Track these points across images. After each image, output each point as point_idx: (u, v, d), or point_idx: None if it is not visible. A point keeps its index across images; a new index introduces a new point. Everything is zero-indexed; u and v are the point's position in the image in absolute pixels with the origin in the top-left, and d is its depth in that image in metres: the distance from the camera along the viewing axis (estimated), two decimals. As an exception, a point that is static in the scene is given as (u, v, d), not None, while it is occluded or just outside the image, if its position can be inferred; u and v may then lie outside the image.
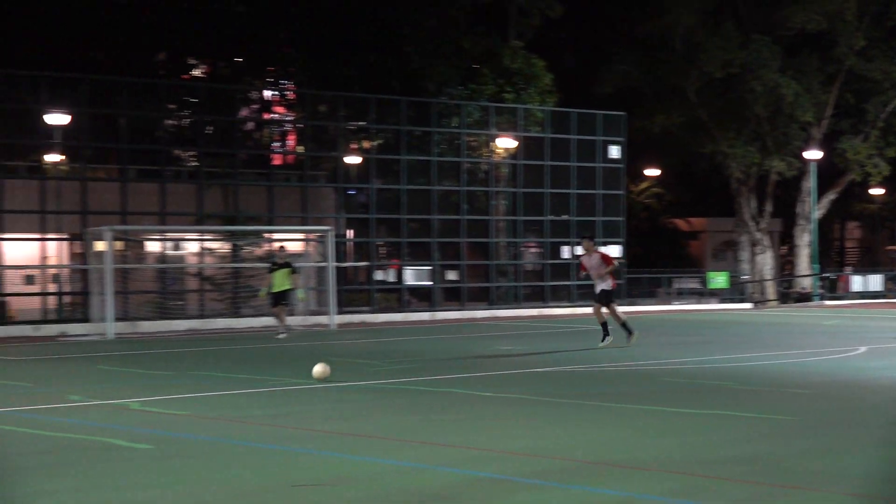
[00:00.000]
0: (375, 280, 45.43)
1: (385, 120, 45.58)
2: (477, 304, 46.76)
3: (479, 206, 47.69)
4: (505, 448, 12.85)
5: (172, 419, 15.46)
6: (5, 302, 38.64)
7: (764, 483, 10.82)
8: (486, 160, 48.06)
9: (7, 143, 39.37)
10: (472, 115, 47.50)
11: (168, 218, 40.11)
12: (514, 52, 49.66)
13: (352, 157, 46.49)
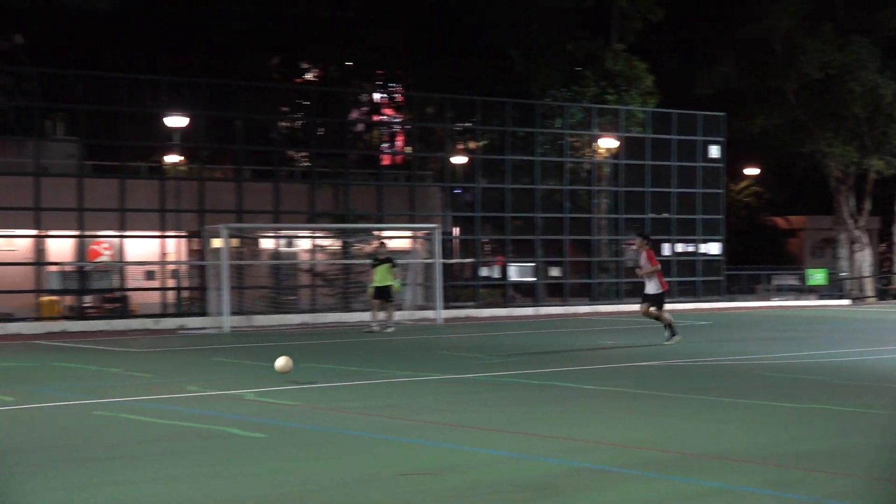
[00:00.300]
0: (480, 276, 45.47)
1: (490, 121, 45.56)
2: (579, 299, 46.59)
3: (581, 205, 47.51)
4: (605, 439, 12.79)
5: (285, 409, 15.58)
6: (127, 296, 39.22)
7: (859, 476, 10.67)
8: (588, 160, 47.89)
9: (129, 144, 39.92)
10: (575, 116, 47.37)
11: (281, 216, 40.43)
12: (616, 54, 49.45)
13: (458, 158, 46.54)
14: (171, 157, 42.66)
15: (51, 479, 10.73)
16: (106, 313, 38.18)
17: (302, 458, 11.84)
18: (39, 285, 37.20)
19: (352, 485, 10.41)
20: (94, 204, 37.39)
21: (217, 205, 39.08)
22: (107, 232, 38.98)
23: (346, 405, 15.97)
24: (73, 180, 37.74)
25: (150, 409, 15.55)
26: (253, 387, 18.01)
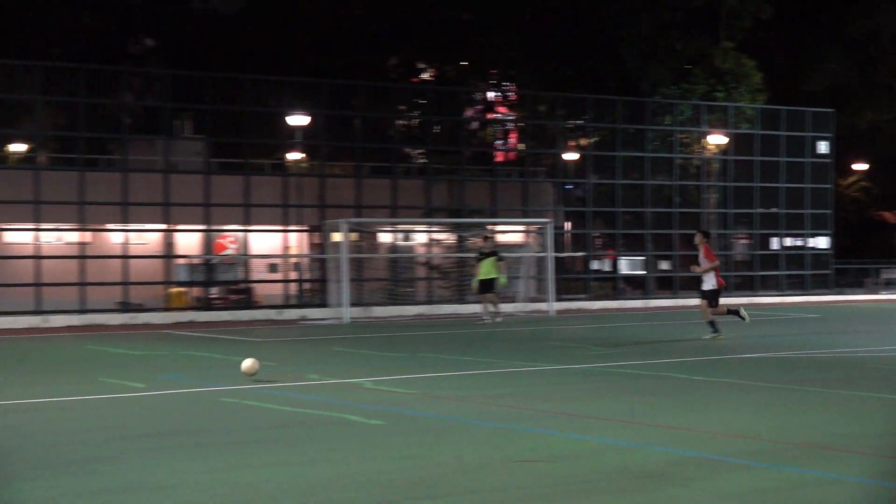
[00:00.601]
0: (592, 269, 45.26)
1: (601, 118, 45.31)
2: (689, 292, 46.07)
3: (690, 200, 47.09)
4: (715, 429, 12.63)
5: (402, 397, 15.61)
6: (251, 288, 39.65)
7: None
8: (697, 156, 47.45)
9: (254, 142, 40.32)
10: (684, 113, 46.95)
11: (399, 211, 40.58)
12: (725, 52, 48.94)
13: (570, 154, 46.40)
14: (294, 154, 43.04)
15: (179, 462, 10.86)
16: (231, 304, 38.64)
17: (418, 444, 11.85)
18: (168, 277, 37.74)
19: (467, 471, 10.38)
20: (220, 199, 37.83)
21: (337, 200, 39.33)
22: (232, 226, 39.44)
23: (461, 394, 15.95)
24: (200, 177, 38.23)
25: (273, 396, 15.67)
26: (372, 375, 18.08)
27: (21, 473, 10.37)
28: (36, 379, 18.92)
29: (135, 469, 10.54)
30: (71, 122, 39.90)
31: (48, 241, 36.75)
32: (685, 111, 47.01)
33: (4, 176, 36.23)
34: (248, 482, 9.93)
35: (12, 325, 32.83)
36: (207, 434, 12.66)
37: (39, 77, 36.42)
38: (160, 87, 42.29)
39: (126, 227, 36.80)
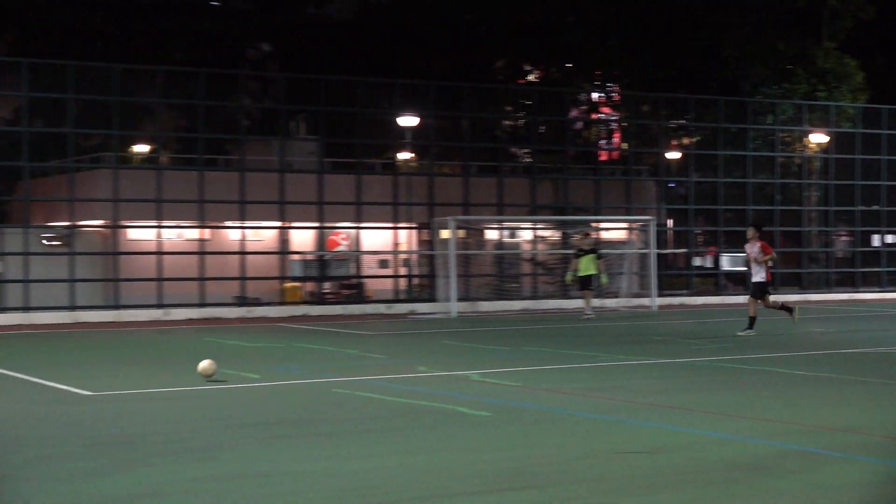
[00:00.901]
0: (694, 266, 44.91)
1: (703, 118, 44.88)
2: (790, 288, 45.54)
3: (791, 198, 46.45)
4: (817, 423, 12.45)
5: (508, 390, 15.61)
6: (363, 283, 39.90)
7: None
8: (798, 154, 46.80)
9: (365, 143, 40.56)
10: (786, 112, 46.34)
11: (505, 209, 40.56)
12: (826, 52, 48.21)
13: (672, 153, 46.07)
14: (404, 154, 43.23)
15: (293, 451, 10.96)
16: (343, 299, 38.92)
17: (524, 435, 11.84)
18: (283, 273, 38.11)
19: (570, 461, 10.35)
20: (333, 198, 38.11)
21: (445, 198, 39.42)
22: (344, 224, 39.73)
23: (564, 386, 15.92)
24: (313, 176, 38.55)
25: (383, 387, 15.75)
26: (478, 368, 18.10)
27: (143, 459, 10.54)
28: (158, 369, 19.22)
29: (250, 457, 10.66)
30: (191, 124, 40.51)
31: (169, 237, 37.30)
32: (787, 110, 46.40)
33: (128, 175, 36.84)
34: (358, 470, 9.99)
35: (136, 318, 33.42)
36: (320, 424, 12.77)
37: (161, 81, 36.98)
38: (276, 90, 42.77)
39: (243, 224, 37.23)
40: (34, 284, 33.92)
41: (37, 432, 12.23)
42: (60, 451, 10.98)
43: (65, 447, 11.23)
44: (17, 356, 21.78)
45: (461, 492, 9.17)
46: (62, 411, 13.97)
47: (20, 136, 35.29)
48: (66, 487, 9.38)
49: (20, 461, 10.54)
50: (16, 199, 38.58)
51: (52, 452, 10.93)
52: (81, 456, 10.75)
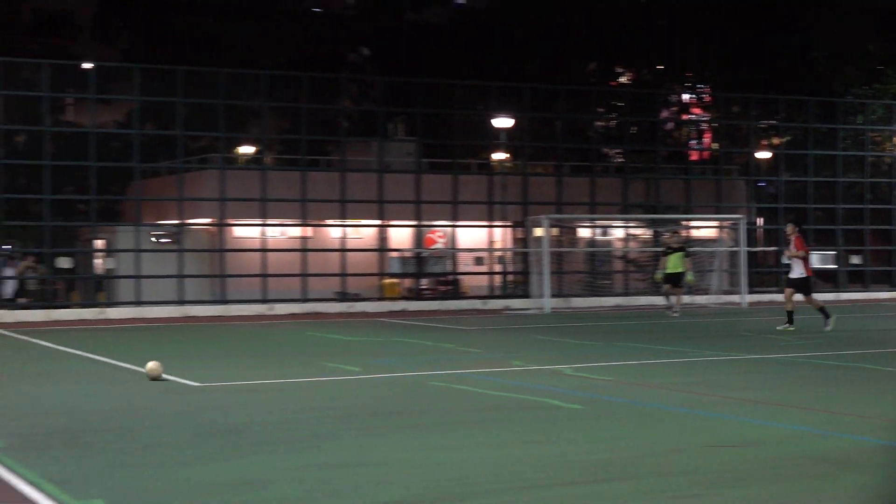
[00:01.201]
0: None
1: (793, 118, 44.34)
2: (880, 286, 44.82)
3: (881, 196, 45.72)
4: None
5: (600, 384, 15.58)
6: (459, 280, 40.00)
7: None
8: (889, 154, 46.05)
9: (461, 144, 40.64)
10: (876, 112, 45.63)
11: (597, 207, 40.42)
12: (917, 52, 47.45)
13: (762, 153, 45.59)
14: (498, 154, 43.25)
15: (393, 441, 11.05)
16: (440, 295, 39.05)
17: (615, 428, 11.82)
18: (382, 269, 38.35)
19: (660, 454, 10.32)
20: (430, 197, 38.25)
21: (539, 197, 39.38)
22: (441, 222, 39.86)
23: (655, 381, 15.85)
24: (411, 176, 38.74)
25: (479, 380, 15.81)
26: (571, 362, 18.08)
27: (249, 447, 10.70)
28: (263, 362, 19.45)
29: (352, 446, 10.77)
30: (294, 126, 40.91)
31: (273, 235, 37.69)
32: (877, 111, 45.68)
33: (234, 176, 37.28)
34: (455, 460, 10.05)
35: (241, 312, 33.83)
36: (418, 415, 12.85)
37: (266, 84, 37.37)
38: (375, 93, 43.02)
39: (344, 222, 37.51)
40: (145, 280, 34.49)
41: (149, 421, 12.47)
42: (171, 440, 11.18)
43: (175, 436, 11.44)
44: (130, 349, 22.18)
45: (554, 482, 9.19)
46: (172, 401, 14.21)
47: (132, 139, 35.90)
48: (177, 474, 9.56)
49: (134, 448, 10.76)
50: (128, 199, 39.25)
51: (163, 440, 11.14)
52: (191, 444, 10.95)
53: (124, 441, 11.16)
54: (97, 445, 10.96)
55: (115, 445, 10.94)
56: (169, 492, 8.91)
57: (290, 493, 8.83)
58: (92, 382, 16.48)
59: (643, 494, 8.79)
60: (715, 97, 49.78)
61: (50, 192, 34.08)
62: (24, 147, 40.79)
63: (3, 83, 33.48)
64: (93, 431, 11.76)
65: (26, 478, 9.38)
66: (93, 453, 10.56)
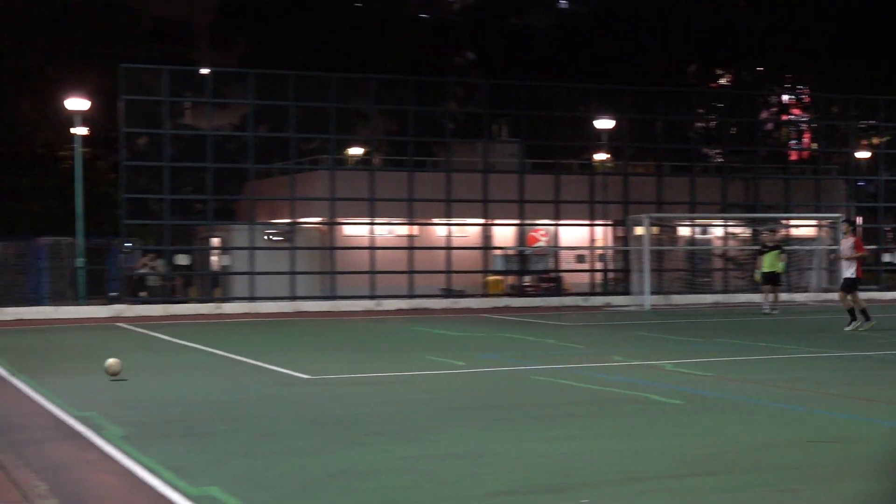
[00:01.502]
0: (883, 262, 43.51)
1: (893, 118, 43.43)
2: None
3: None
4: None
5: (699, 379, 15.43)
6: (560, 277, 39.88)
7: None
8: None
9: (563, 144, 40.49)
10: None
11: (696, 206, 40.01)
12: None
13: (862, 152, 44.76)
14: (600, 155, 43.04)
15: (497, 433, 11.05)
16: (542, 291, 38.95)
17: (715, 423, 11.70)
18: (486, 266, 38.36)
19: (759, 449, 10.19)
20: (533, 196, 38.18)
21: (639, 197, 39.11)
22: (543, 221, 39.76)
23: (754, 377, 15.65)
24: (514, 176, 38.70)
25: (580, 375, 15.74)
26: (671, 358, 17.93)
27: (359, 438, 10.77)
28: (371, 356, 19.57)
29: (458, 438, 10.79)
30: (401, 128, 41.09)
31: (381, 233, 37.90)
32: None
33: (344, 176, 37.55)
34: (558, 453, 10.03)
35: (351, 308, 34.07)
36: (521, 408, 12.84)
37: (374, 88, 37.59)
38: (480, 95, 43.05)
39: (449, 221, 37.59)
40: (258, 276, 34.90)
41: (263, 412, 12.62)
42: (284, 430, 11.30)
43: (288, 426, 11.56)
44: (244, 342, 22.45)
45: (654, 475, 9.13)
46: (285, 393, 14.36)
47: (247, 141, 36.35)
48: (289, 463, 9.66)
49: (249, 438, 10.89)
50: (242, 199, 39.76)
51: (276, 431, 11.26)
52: (302, 434, 11.05)
53: (239, 431, 11.31)
54: (213, 435, 11.12)
55: (231, 435, 11.09)
56: (281, 480, 9.01)
57: (397, 483, 8.87)
58: (208, 374, 16.72)
59: (741, 488, 8.69)
60: (814, 98, 49.03)
61: (169, 192, 34.64)
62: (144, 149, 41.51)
63: (125, 88, 34.09)
64: (209, 421, 11.94)
65: (145, 465, 9.55)
66: (209, 442, 10.71)
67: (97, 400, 13.54)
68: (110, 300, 33.43)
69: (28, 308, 31.32)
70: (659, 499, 8.39)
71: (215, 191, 35.89)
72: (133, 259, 36.18)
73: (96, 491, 8.81)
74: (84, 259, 33.23)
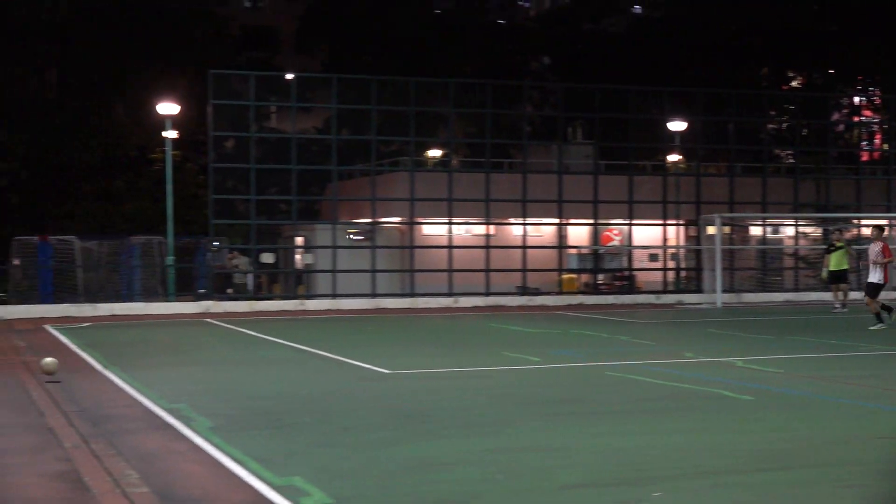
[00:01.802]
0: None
1: (965, 119, 42.63)
2: None
3: None
4: None
5: (770, 376, 15.26)
6: (634, 275, 39.64)
7: None
8: None
9: (636, 146, 40.26)
10: None
11: (768, 206, 39.56)
12: None
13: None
14: (672, 156, 42.71)
15: (571, 427, 11.02)
16: (615, 289, 38.73)
17: (785, 419, 11.57)
18: (561, 265, 38.24)
19: (829, 445, 10.07)
20: (607, 197, 37.97)
21: (711, 197, 38.74)
22: (617, 220, 39.55)
23: (824, 374, 15.45)
24: (588, 177, 38.53)
25: (652, 371, 15.65)
26: (742, 355, 17.75)
27: (436, 431, 10.80)
28: (448, 351, 19.60)
29: (532, 432, 10.77)
30: (479, 131, 41.11)
31: (459, 233, 37.93)
32: None
33: (423, 178, 37.61)
34: (630, 447, 9.98)
35: (428, 305, 34.13)
36: (594, 403, 12.79)
37: (453, 92, 37.64)
38: (555, 98, 42.90)
39: (525, 221, 37.52)
40: (340, 274, 35.09)
41: (345, 405, 12.69)
42: (364, 423, 11.35)
43: (368, 419, 11.61)
44: (327, 338, 22.59)
45: (725, 469, 9.06)
46: (365, 387, 14.43)
47: (330, 144, 36.56)
48: (369, 454, 9.71)
49: (331, 430, 10.96)
50: (325, 199, 39.99)
51: (357, 423, 11.32)
52: (382, 427, 11.09)
53: (321, 423, 11.38)
54: (297, 427, 11.20)
55: (313, 427, 11.17)
56: (361, 471, 9.06)
57: (472, 475, 8.88)
58: (292, 369, 16.85)
59: (810, 483, 8.59)
60: (885, 99, 48.16)
61: (255, 193, 34.94)
62: (232, 152, 41.97)
63: (214, 94, 34.44)
64: (293, 414, 12.03)
65: (232, 455, 9.65)
66: (292, 434, 10.80)
67: (186, 392, 13.71)
68: (198, 296, 33.81)
69: (121, 304, 31.75)
70: (730, 492, 8.32)
71: (299, 191, 36.14)
72: (221, 258, 36.57)
73: (185, 480, 8.91)
74: (174, 257, 33.63)
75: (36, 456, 9.85)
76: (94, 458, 9.64)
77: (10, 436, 10.88)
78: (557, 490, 8.35)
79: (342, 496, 8.20)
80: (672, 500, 8.12)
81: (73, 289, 32.89)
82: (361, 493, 8.32)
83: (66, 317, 29.33)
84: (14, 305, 30.95)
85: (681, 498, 8.18)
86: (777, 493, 8.34)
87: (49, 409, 12.49)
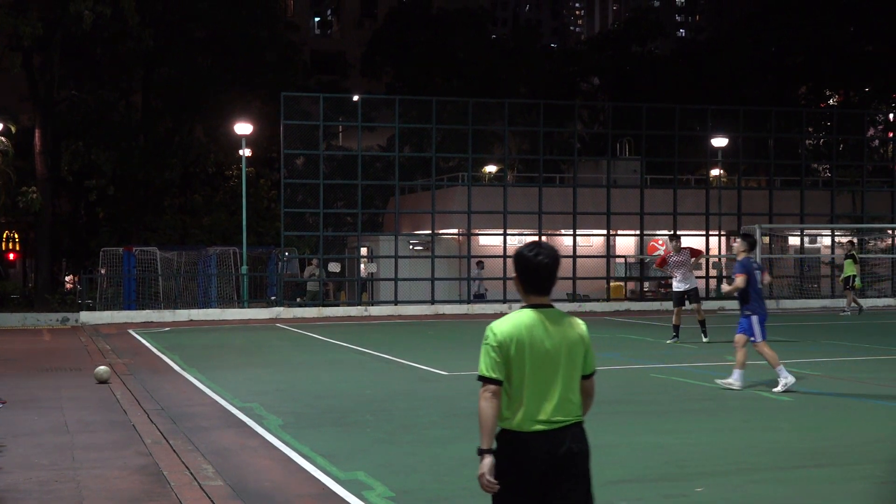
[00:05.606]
0: None
1: None
2: None
3: None
4: None
5: (809, 378, 15.07)
6: (679, 283, 39.31)
7: None
8: None
9: (681, 161, 39.99)
10: None
11: (806, 218, 39.14)
12: None
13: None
14: (715, 170, 42.40)
15: (618, 426, 10.95)
16: (661, 296, 38.46)
17: (824, 419, 11.43)
18: (609, 273, 38.05)
19: (867, 444, 9.92)
20: (652, 209, 37.75)
21: (752, 209, 38.40)
22: (662, 231, 39.27)
23: (861, 376, 15.25)
24: (635, 191, 38.32)
25: (695, 373, 15.53)
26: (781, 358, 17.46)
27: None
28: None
29: (581, 430, 10.70)
30: (532, 148, 41.06)
31: (513, 244, 37.84)
32: None
33: (480, 192, 37.63)
34: (674, 444, 9.90)
35: (484, 311, 34.09)
36: (640, 404, 12.70)
37: (508, 111, 37.63)
38: (604, 117, 42.76)
39: (575, 232, 37.40)
40: (402, 282, 35.16)
41: (405, 405, 12.70)
42: (424, 421, 11.35)
43: (427, 417, 11.61)
44: (389, 342, 22.62)
45: (765, 467, 8.96)
46: (425, 388, 14.43)
47: (393, 160, 36.67)
48: (428, 451, 9.70)
49: (392, 428, 10.97)
50: (389, 212, 40.11)
51: (417, 422, 11.32)
52: (440, 425, 11.09)
53: (384, 421, 11.39)
54: (360, 425, 11.22)
55: (376, 425, 11.18)
56: (420, 466, 9.06)
57: (525, 470, 8.83)
58: (357, 370, 16.88)
59: (849, 480, 8.47)
60: (919, 116, 47.61)
61: (323, 206, 35.11)
62: (302, 168, 42.24)
63: (286, 114, 34.68)
64: (357, 412, 12.05)
65: (301, 451, 9.69)
66: (357, 431, 10.82)
67: (258, 392, 13.78)
68: (270, 303, 34.02)
69: (198, 310, 32.01)
70: (769, 488, 8.22)
71: (364, 205, 36.28)
72: (292, 266, 36.77)
73: (257, 474, 8.96)
74: (247, 266, 33.87)
75: (119, 451, 9.94)
76: (173, 453, 9.72)
77: (96, 432, 11.00)
78: (603, 485, 8.29)
79: (403, 490, 8.20)
80: (714, 494, 8.05)
81: (155, 296, 33.24)
82: (421, 487, 8.32)
83: (148, 322, 29.63)
84: (101, 311, 31.32)
85: (722, 493, 8.10)
86: (814, 489, 8.24)
87: (131, 408, 12.61)
